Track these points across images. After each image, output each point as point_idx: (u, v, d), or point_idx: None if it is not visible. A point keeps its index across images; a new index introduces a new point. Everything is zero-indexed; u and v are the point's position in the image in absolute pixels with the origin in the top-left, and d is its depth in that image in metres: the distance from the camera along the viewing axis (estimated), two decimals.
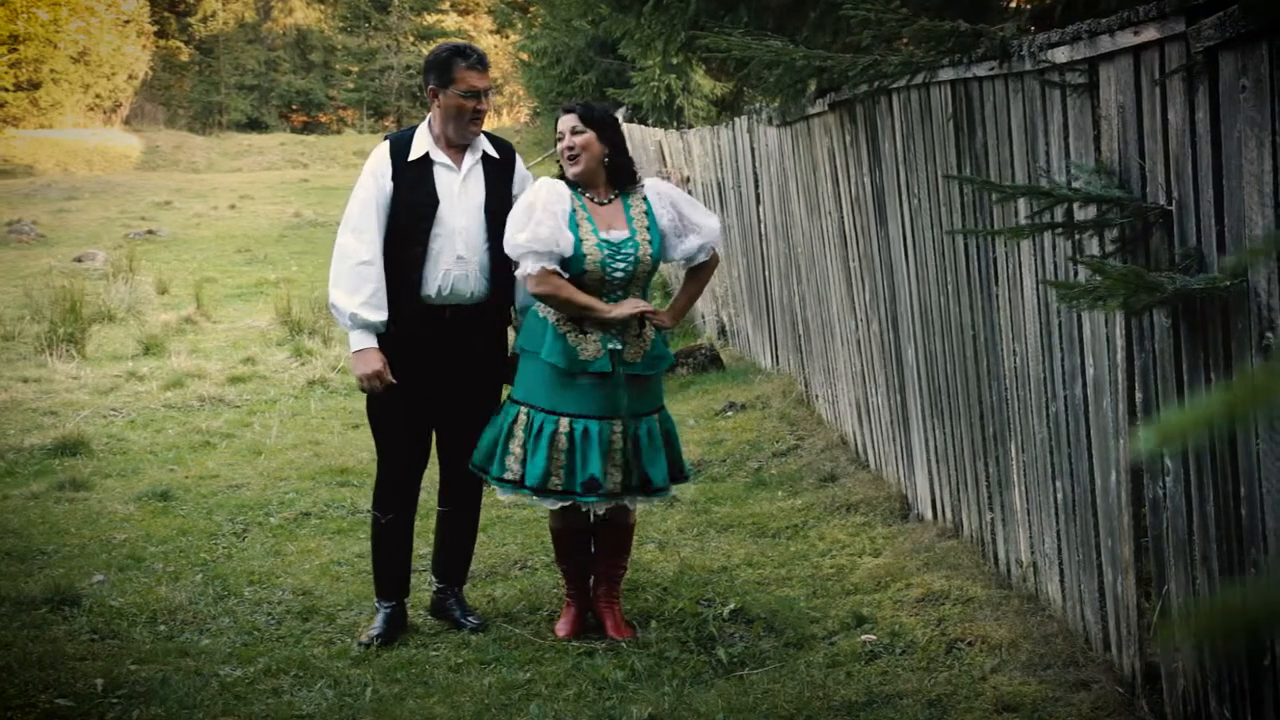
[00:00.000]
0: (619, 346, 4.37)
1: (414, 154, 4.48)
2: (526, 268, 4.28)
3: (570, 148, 4.41)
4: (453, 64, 4.45)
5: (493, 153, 4.60)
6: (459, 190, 4.50)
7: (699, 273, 4.66)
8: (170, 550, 5.60)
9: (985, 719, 3.70)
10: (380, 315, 4.38)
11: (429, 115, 4.61)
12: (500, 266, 4.51)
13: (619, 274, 4.36)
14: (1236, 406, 0.46)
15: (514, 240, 4.30)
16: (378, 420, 4.61)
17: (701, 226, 4.51)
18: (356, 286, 4.37)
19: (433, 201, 4.45)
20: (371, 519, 4.71)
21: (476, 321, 4.56)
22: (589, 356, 4.35)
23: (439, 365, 4.51)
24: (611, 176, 4.48)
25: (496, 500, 6.29)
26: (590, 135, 4.40)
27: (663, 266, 9.17)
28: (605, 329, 4.36)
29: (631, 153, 4.77)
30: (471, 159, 4.54)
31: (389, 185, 4.44)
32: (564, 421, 4.35)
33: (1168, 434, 0.46)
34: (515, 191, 4.61)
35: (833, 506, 5.87)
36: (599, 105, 4.69)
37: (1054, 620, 4.17)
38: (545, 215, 4.30)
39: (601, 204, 4.45)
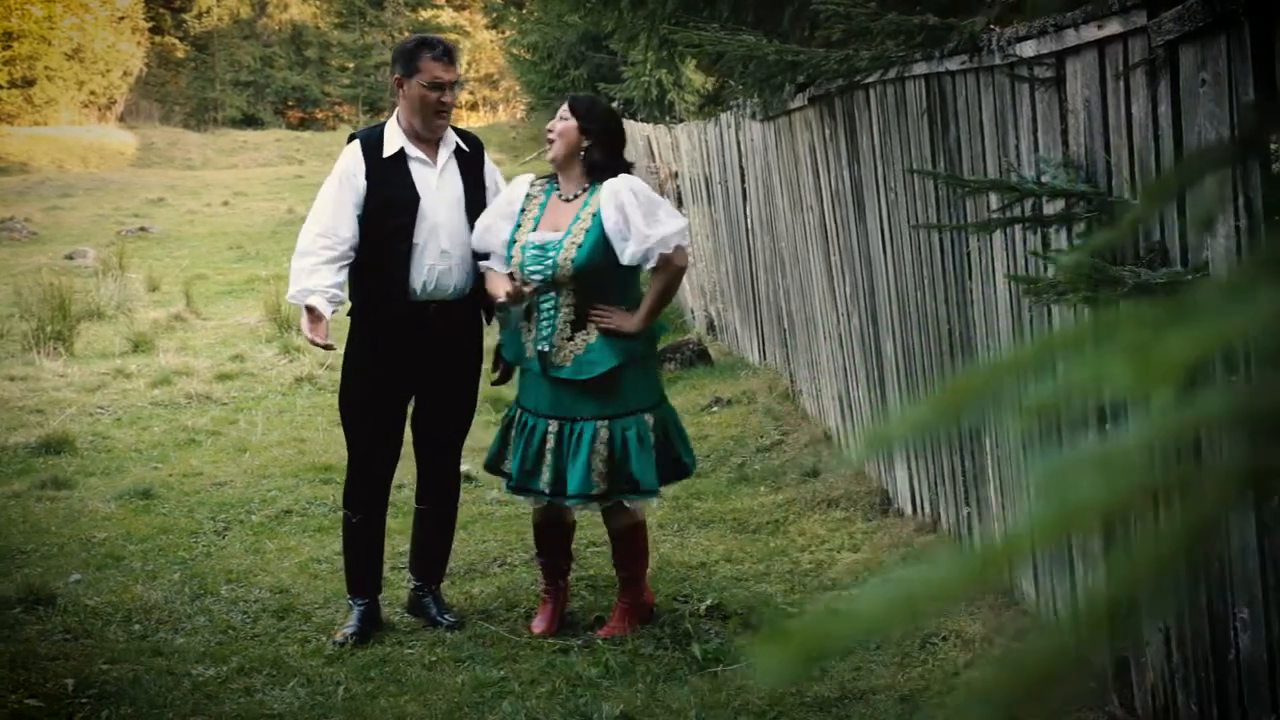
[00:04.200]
0: (546, 349, 4.35)
1: (388, 150, 4.44)
2: None
3: (549, 130, 4.41)
4: (418, 54, 4.42)
5: (464, 146, 4.60)
6: (437, 185, 4.48)
7: (654, 277, 4.41)
8: (150, 549, 5.59)
9: (956, 715, 3.70)
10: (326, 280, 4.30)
11: (396, 111, 4.58)
12: (474, 259, 4.55)
13: (536, 277, 4.31)
14: (942, 411, 0.45)
15: None
16: (353, 418, 4.59)
17: (646, 235, 4.28)
18: (307, 262, 4.33)
19: (414, 198, 4.42)
20: (343, 517, 4.69)
21: (458, 316, 4.55)
22: (530, 354, 4.39)
23: (421, 361, 4.49)
24: (587, 170, 4.39)
25: (477, 496, 6.30)
26: (571, 124, 4.36)
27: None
28: (539, 331, 4.36)
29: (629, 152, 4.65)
30: (445, 153, 4.53)
31: (363, 184, 4.39)
32: (519, 411, 4.46)
33: (876, 442, 0.45)
34: (487, 184, 4.63)
35: (814, 501, 5.86)
36: (597, 101, 4.60)
37: (1027, 615, 4.17)
38: (489, 211, 4.48)
39: (568, 200, 4.39)
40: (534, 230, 4.36)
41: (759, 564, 5.16)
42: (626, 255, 4.30)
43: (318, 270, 4.27)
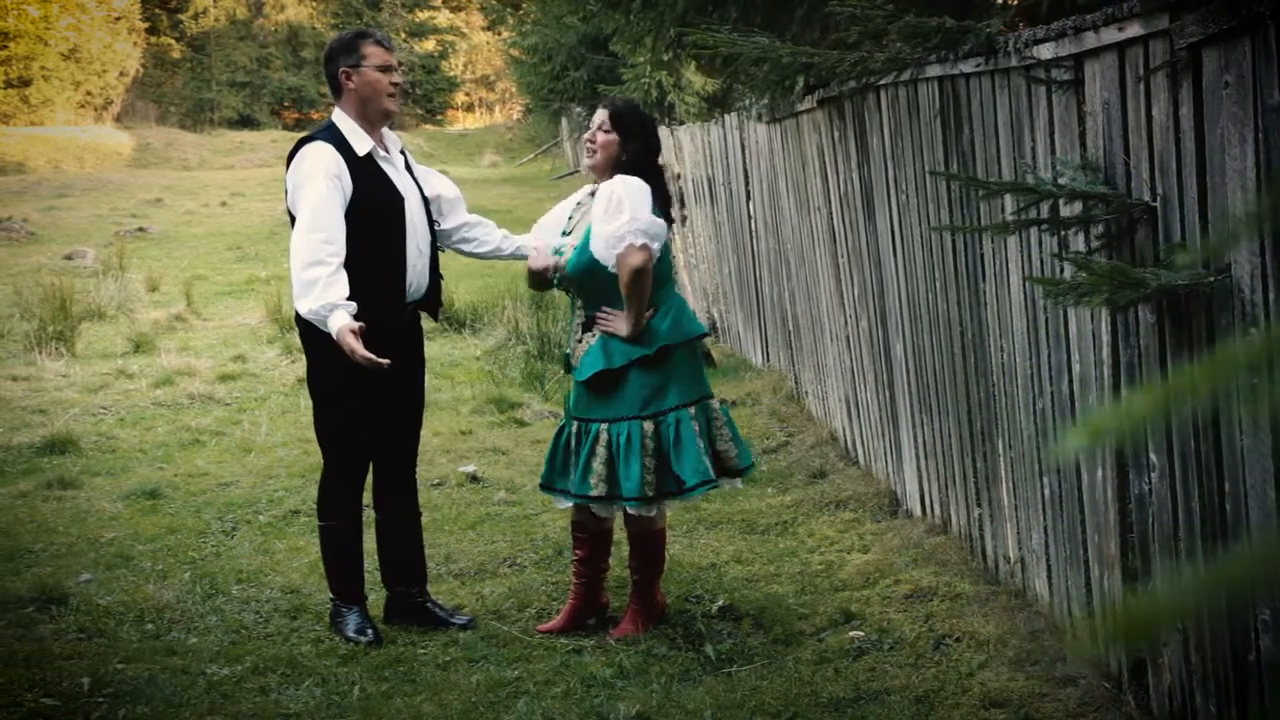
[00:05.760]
0: (569, 351, 4.54)
1: (360, 151, 4.33)
2: None
3: (591, 141, 4.43)
4: (359, 43, 4.39)
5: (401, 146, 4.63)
6: (406, 185, 4.49)
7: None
8: (158, 549, 5.59)
9: (972, 715, 3.71)
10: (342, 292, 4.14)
11: (339, 112, 4.42)
12: (434, 258, 4.57)
13: (556, 278, 4.52)
14: (1163, 404, 0.46)
15: None
16: (344, 429, 4.47)
17: (597, 235, 4.27)
18: (318, 277, 4.12)
19: (400, 199, 4.40)
20: (326, 530, 4.59)
21: (419, 318, 4.64)
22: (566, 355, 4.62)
23: (401, 363, 4.41)
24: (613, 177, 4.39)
25: (485, 498, 6.31)
26: (614, 138, 4.39)
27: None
28: (569, 335, 4.56)
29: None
30: (396, 152, 4.52)
31: (350, 186, 4.27)
32: (574, 423, 4.47)
33: (1097, 432, 0.46)
34: (416, 175, 4.62)
35: (822, 503, 5.87)
36: (637, 112, 4.51)
37: (1041, 616, 4.18)
38: (550, 215, 4.71)
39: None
40: (565, 236, 4.51)
41: (769, 565, 5.16)
42: (599, 257, 4.29)
43: (334, 283, 4.10)
